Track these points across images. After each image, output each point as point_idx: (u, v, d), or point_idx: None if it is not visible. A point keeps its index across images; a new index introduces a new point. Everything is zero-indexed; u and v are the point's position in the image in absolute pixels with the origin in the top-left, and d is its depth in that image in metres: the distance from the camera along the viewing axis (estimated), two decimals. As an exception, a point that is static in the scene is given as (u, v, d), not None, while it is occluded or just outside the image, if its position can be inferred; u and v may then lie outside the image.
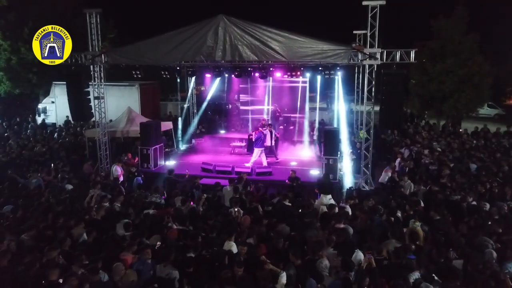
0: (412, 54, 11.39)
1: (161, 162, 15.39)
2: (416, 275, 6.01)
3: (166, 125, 17.83)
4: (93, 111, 13.92)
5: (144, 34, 13.57)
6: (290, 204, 9.47)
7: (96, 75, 13.61)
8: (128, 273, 6.04)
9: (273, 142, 15.49)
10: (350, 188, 12.23)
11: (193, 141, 19.77)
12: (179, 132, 19.61)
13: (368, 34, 11.64)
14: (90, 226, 7.65)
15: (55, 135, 19.68)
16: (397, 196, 10.59)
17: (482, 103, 21.76)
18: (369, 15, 11.54)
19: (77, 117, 14.36)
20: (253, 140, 15.42)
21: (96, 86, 13.77)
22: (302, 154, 17.29)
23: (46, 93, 25.70)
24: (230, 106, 22.90)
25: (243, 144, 18.19)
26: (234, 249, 6.85)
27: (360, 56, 11.71)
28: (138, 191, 10.74)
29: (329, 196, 9.76)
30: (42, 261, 6.19)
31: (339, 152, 13.48)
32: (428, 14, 20.79)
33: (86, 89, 13.70)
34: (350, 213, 9.12)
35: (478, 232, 7.69)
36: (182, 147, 19.17)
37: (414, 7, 29.08)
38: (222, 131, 21.03)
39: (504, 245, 7.11)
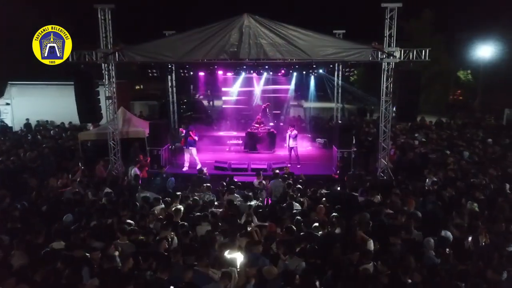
0: (427, 53, 12.41)
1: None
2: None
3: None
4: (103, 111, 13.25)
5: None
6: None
7: (109, 74, 12.97)
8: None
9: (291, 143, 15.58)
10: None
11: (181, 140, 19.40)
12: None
13: (386, 33, 12.47)
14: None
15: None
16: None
17: (448, 98, 24.10)
18: (387, 16, 12.37)
19: (86, 118, 13.54)
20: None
21: (107, 85, 13.12)
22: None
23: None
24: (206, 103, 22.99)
25: (240, 141, 18.38)
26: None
27: (379, 54, 12.50)
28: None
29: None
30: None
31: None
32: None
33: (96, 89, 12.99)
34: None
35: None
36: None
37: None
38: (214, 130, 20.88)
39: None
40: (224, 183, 11.37)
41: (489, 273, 5.68)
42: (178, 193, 10.16)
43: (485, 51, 33.54)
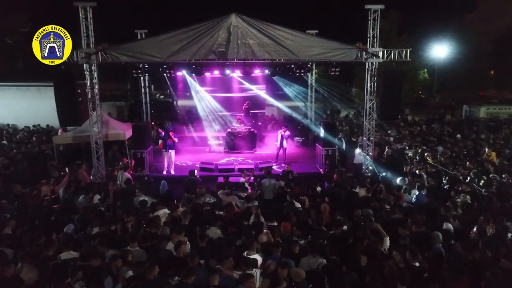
0: (408, 53, 12.97)
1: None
2: None
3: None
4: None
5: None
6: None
7: (91, 75, 12.46)
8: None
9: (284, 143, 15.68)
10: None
11: (160, 142, 18.98)
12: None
13: (370, 34, 12.89)
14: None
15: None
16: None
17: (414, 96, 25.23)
18: (371, 17, 12.79)
19: (67, 121, 12.92)
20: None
21: (89, 87, 12.60)
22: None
23: None
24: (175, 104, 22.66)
25: (221, 142, 18.28)
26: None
27: (364, 54, 12.90)
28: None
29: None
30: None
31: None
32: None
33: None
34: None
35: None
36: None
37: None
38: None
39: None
40: (219, 185, 11.27)
41: (504, 262, 6.06)
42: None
43: (440, 50, 35.53)
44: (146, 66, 14.88)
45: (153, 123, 18.74)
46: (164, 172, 14.49)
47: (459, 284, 5.71)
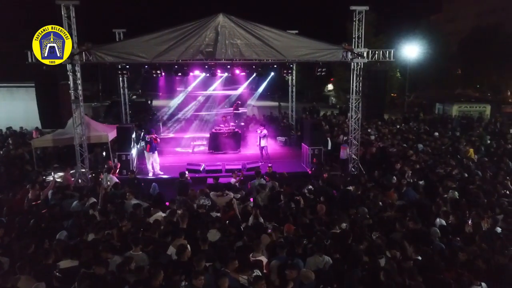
0: (391, 53, 13.28)
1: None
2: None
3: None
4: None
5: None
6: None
7: (74, 75, 12.08)
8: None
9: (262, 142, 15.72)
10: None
11: (142, 143, 18.60)
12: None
13: (355, 35, 13.11)
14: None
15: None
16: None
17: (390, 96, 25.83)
18: (356, 18, 13.01)
19: (49, 124, 12.45)
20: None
21: (73, 88, 12.21)
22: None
23: None
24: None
25: (204, 142, 18.12)
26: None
27: (349, 54, 13.11)
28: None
29: None
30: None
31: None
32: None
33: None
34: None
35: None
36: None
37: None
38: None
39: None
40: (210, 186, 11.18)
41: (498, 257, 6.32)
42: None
43: (411, 51, 36.55)
44: (127, 66, 14.60)
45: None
46: (150, 174, 14.25)
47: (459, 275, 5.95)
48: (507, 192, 10.30)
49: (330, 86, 50.46)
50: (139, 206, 9.10)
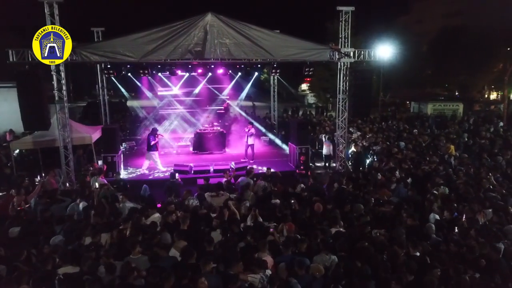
0: (376, 53, 13.57)
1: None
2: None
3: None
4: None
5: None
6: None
7: (58, 75, 11.69)
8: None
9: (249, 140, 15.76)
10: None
11: (124, 145, 18.23)
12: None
13: (342, 35, 13.30)
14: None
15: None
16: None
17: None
18: (342, 18, 13.20)
19: (32, 125, 11.96)
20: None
21: (57, 88, 11.80)
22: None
23: None
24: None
25: (188, 143, 17.92)
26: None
27: (336, 54, 13.29)
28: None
29: None
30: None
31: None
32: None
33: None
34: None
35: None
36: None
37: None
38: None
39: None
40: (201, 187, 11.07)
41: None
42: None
43: (384, 51, 37.38)
44: (109, 66, 14.30)
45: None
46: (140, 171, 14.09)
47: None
48: (491, 186, 10.72)
49: (304, 86, 50.99)
50: (136, 209, 8.91)
